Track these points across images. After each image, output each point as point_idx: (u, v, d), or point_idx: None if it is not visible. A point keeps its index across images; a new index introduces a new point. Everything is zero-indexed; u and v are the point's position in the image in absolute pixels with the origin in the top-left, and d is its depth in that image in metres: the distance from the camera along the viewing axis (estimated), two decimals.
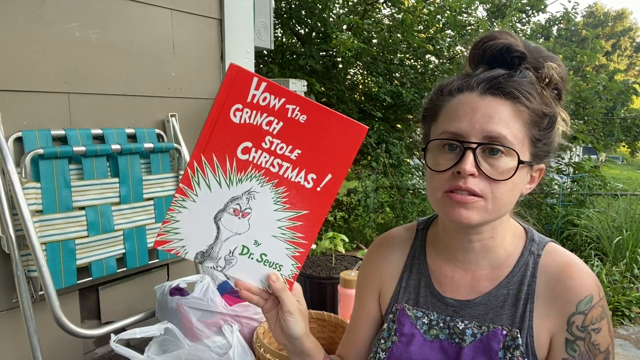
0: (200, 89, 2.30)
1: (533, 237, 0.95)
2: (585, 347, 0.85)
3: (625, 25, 39.89)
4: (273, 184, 0.82)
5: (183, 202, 0.82)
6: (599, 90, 5.67)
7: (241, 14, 2.43)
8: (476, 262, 0.94)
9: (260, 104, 0.78)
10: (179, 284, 1.75)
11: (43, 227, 1.65)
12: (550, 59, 0.89)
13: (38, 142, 1.68)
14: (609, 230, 5.29)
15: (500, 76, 0.85)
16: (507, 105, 0.84)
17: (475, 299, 0.92)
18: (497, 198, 0.84)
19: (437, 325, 0.94)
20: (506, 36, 0.89)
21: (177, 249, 0.83)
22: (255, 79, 0.77)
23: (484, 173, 0.82)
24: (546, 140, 0.88)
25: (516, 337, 0.86)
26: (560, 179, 6.76)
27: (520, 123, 0.84)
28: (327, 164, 0.82)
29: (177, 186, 2.07)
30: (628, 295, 4.02)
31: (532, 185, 0.91)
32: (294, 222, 0.84)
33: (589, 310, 0.85)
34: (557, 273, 0.88)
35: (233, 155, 0.80)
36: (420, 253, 1.02)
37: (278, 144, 0.80)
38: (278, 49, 6.16)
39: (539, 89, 0.86)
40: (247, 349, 1.54)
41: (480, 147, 0.82)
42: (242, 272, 0.86)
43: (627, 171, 20.13)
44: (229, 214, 0.83)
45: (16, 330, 1.71)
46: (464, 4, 6.34)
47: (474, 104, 0.84)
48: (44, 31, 1.73)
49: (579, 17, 8.36)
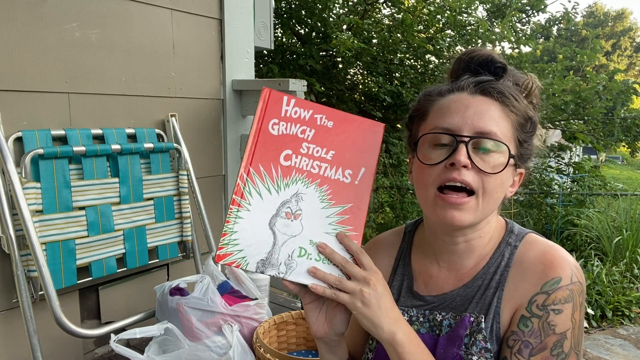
0: (200, 89, 2.30)
1: (512, 229, 0.96)
2: (539, 324, 0.84)
3: (625, 25, 39.89)
4: (316, 183, 0.89)
5: (238, 212, 0.86)
6: (599, 90, 5.66)
7: (241, 14, 2.43)
8: (460, 262, 0.96)
9: (292, 116, 0.90)
10: (179, 284, 1.75)
11: (43, 227, 1.65)
12: (526, 75, 0.95)
13: (38, 142, 1.68)
14: (609, 230, 5.29)
15: (489, 79, 0.91)
16: (497, 105, 0.88)
17: (453, 291, 0.94)
18: (488, 193, 0.86)
19: (417, 321, 0.95)
20: (488, 50, 0.96)
21: (238, 261, 0.85)
22: (285, 97, 0.90)
23: (476, 166, 0.84)
24: (529, 143, 0.92)
25: (480, 322, 0.87)
26: (560, 179, 6.76)
27: (508, 123, 0.88)
28: (359, 159, 0.91)
29: (177, 186, 2.07)
30: (628, 295, 4.02)
31: (514, 189, 0.94)
32: (342, 216, 0.90)
33: (553, 291, 0.84)
34: (531, 260, 0.89)
35: (277, 162, 0.89)
36: (406, 255, 1.04)
37: (314, 148, 0.90)
38: (278, 49, 6.16)
39: (521, 94, 0.92)
40: (247, 349, 1.54)
41: (472, 142, 0.84)
42: (304, 275, 0.87)
43: (627, 171, 20.14)
44: (282, 218, 0.87)
45: (16, 330, 1.71)
46: (464, 4, 6.34)
47: (466, 101, 0.88)
48: (44, 31, 1.73)
49: (579, 17, 8.36)
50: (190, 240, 2.14)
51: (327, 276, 0.85)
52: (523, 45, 6.54)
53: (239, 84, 2.42)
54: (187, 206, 2.11)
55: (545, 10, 6.94)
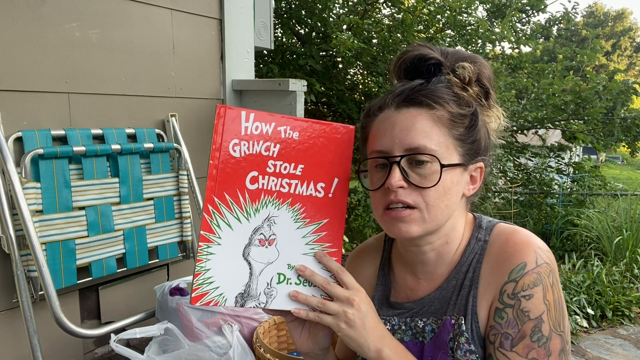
0: (200, 89, 2.30)
1: (480, 224, 0.95)
2: (514, 314, 0.83)
3: (625, 25, 39.89)
4: (288, 203, 0.84)
5: (208, 248, 0.80)
6: (599, 90, 5.66)
7: (241, 14, 2.43)
8: (435, 272, 0.94)
9: (254, 133, 0.82)
10: (179, 284, 1.75)
11: (43, 227, 1.65)
12: (467, 59, 0.90)
13: (38, 142, 1.68)
14: (609, 230, 5.29)
15: (414, 87, 0.87)
16: (423, 114, 0.85)
17: (430, 295, 0.93)
18: (431, 205, 0.84)
19: (399, 329, 0.95)
20: (419, 47, 0.91)
21: (215, 299, 0.81)
22: (243, 112, 0.81)
23: (412, 183, 0.83)
24: (472, 139, 0.88)
25: (461, 324, 0.87)
26: (560, 179, 6.76)
27: (439, 128, 0.85)
28: (331, 169, 0.86)
29: (177, 186, 2.07)
30: (628, 295, 4.02)
31: (476, 185, 0.92)
32: (318, 234, 0.86)
33: (520, 278, 0.83)
34: (497, 250, 0.89)
35: (243, 187, 0.82)
36: (385, 265, 1.04)
37: (281, 165, 0.83)
38: (278, 49, 6.15)
39: (458, 90, 0.88)
40: (247, 349, 1.54)
41: (405, 160, 0.84)
42: (285, 301, 0.84)
43: (627, 171, 20.14)
44: (256, 246, 0.83)
45: (16, 330, 1.71)
46: (464, 4, 6.34)
47: (391, 119, 0.86)
48: (44, 31, 1.73)
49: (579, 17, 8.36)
50: (190, 240, 2.14)
51: (309, 299, 0.84)
52: (523, 45, 6.54)
53: (239, 84, 2.42)
54: (187, 206, 2.11)
55: (545, 10, 6.94)
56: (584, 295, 3.89)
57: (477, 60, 0.91)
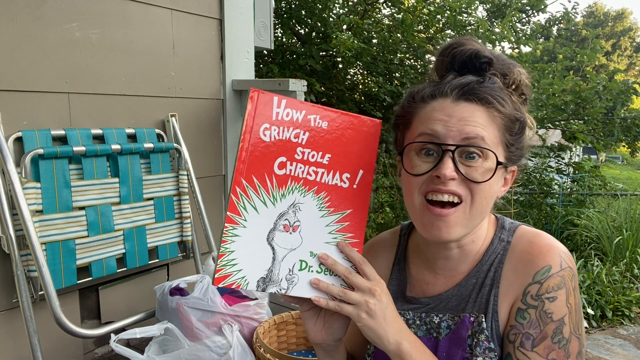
0: (200, 89, 2.30)
1: (503, 225, 0.95)
2: (537, 314, 0.84)
3: (625, 25, 39.88)
4: (314, 191, 0.85)
5: (234, 230, 0.81)
6: (599, 90, 5.66)
7: (241, 14, 2.43)
8: (456, 268, 0.94)
9: (284, 119, 0.83)
10: (179, 284, 1.75)
11: (43, 227, 1.65)
12: (515, 65, 0.90)
13: (38, 142, 1.68)
14: (609, 230, 5.29)
15: (472, 82, 0.86)
16: (482, 110, 0.85)
17: (448, 291, 0.93)
18: (476, 201, 0.84)
19: (413, 324, 0.95)
20: (473, 43, 0.90)
21: (238, 282, 0.81)
22: (275, 98, 0.82)
23: (463, 175, 0.82)
24: (518, 145, 0.89)
25: (481, 322, 0.87)
26: (560, 179, 6.76)
27: (494, 127, 0.85)
28: (356, 161, 0.87)
29: (177, 186, 2.07)
30: (628, 295, 4.02)
31: (506, 188, 0.92)
32: (342, 224, 0.87)
33: (545, 280, 0.84)
34: (520, 252, 0.89)
35: (271, 172, 0.83)
36: (401, 259, 1.03)
37: (309, 153, 0.84)
38: (278, 49, 6.15)
39: (508, 94, 0.88)
40: (247, 349, 1.54)
41: (458, 150, 0.82)
42: (306, 288, 0.84)
43: (627, 171, 20.14)
44: (281, 232, 0.83)
45: (16, 330, 1.71)
46: (464, 4, 6.34)
47: (449, 109, 0.84)
48: (44, 31, 1.73)
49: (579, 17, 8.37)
50: (190, 240, 2.14)
51: (330, 288, 0.84)
52: (523, 45, 6.54)
53: (239, 84, 2.42)
54: (187, 206, 2.11)
55: (545, 10, 6.94)
56: (584, 295, 3.89)
57: (522, 67, 0.91)
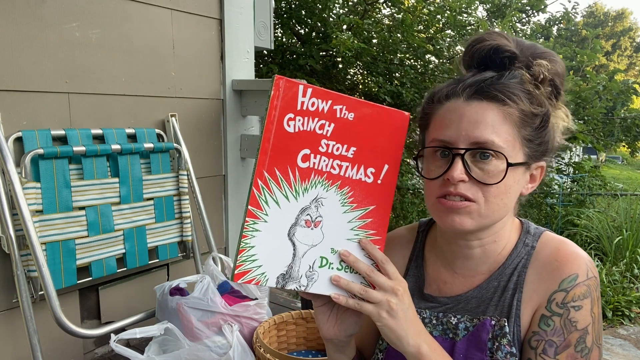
0: (200, 89, 2.30)
1: (528, 230, 0.95)
2: (561, 322, 0.84)
3: (625, 25, 39.88)
4: (337, 185, 0.82)
5: (254, 225, 0.77)
6: (599, 90, 5.66)
7: (241, 14, 2.43)
8: (475, 269, 0.94)
9: (310, 109, 0.78)
10: (179, 284, 1.75)
11: (43, 227, 1.65)
12: (544, 55, 0.87)
13: (38, 142, 1.68)
14: (609, 230, 5.29)
15: (487, 80, 0.85)
16: (494, 109, 0.83)
17: (467, 293, 0.93)
18: (490, 202, 0.83)
19: (430, 323, 0.94)
20: (496, 37, 0.87)
21: (257, 278, 0.78)
22: (301, 86, 0.78)
23: (474, 178, 0.82)
24: (541, 140, 0.86)
25: (504, 326, 0.86)
26: (560, 179, 6.77)
27: (508, 125, 0.83)
28: (382, 155, 0.83)
29: (177, 186, 2.07)
30: (628, 295, 4.02)
31: (535, 184, 0.90)
32: (364, 220, 0.84)
33: (571, 288, 0.84)
34: (546, 258, 0.89)
35: (294, 165, 0.79)
36: (419, 256, 1.02)
37: (334, 145, 0.81)
38: (278, 49, 6.15)
39: (531, 87, 0.85)
40: (247, 349, 1.54)
41: (469, 153, 0.82)
42: (326, 285, 0.82)
43: (627, 171, 20.13)
44: (302, 227, 0.81)
45: (16, 330, 1.71)
46: (464, 4, 6.34)
47: (460, 110, 0.84)
48: (44, 31, 1.73)
49: (579, 17, 8.36)
50: (190, 240, 2.14)
51: (351, 285, 0.81)
52: None
53: (239, 84, 2.42)
54: (187, 206, 2.11)
55: (545, 10, 6.94)
56: None
57: (553, 58, 0.87)
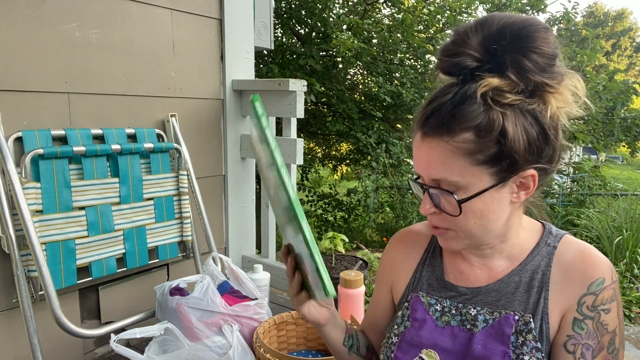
0: (200, 89, 2.30)
1: (550, 231, 0.98)
2: (594, 326, 0.87)
3: (625, 25, 39.87)
4: None
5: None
6: (599, 90, 5.67)
7: (241, 14, 2.43)
8: (491, 263, 0.97)
9: None
10: (179, 284, 1.75)
11: (43, 227, 1.65)
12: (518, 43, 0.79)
13: (38, 142, 1.68)
14: (609, 230, 5.29)
15: (435, 112, 0.82)
16: (441, 145, 0.82)
17: (487, 286, 0.95)
18: (466, 228, 0.88)
19: (449, 312, 0.97)
20: (458, 46, 0.81)
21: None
22: None
23: (441, 210, 0.88)
24: (506, 155, 0.81)
25: (529, 322, 0.89)
26: (560, 179, 6.76)
27: (457, 158, 0.81)
28: None
29: (177, 186, 2.07)
30: (628, 295, 4.02)
31: (528, 190, 0.87)
32: None
33: (600, 292, 0.87)
34: (571, 260, 0.91)
35: None
36: (436, 248, 1.07)
37: None
38: (278, 49, 6.16)
39: (495, 95, 0.79)
40: (247, 349, 1.54)
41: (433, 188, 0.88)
42: None
43: (627, 171, 20.11)
44: None
45: (16, 330, 1.71)
46: (464, 4, 6.35)
47: (418, 148, 0.87)
48: (44, 31, 1.73)
49: (579, 17, 8.36)
50: (190, 240, 2.14)
51: None
52: None
53: (239, 84, 2.42)
54: (187, 206, 2.11)
55: (545, 10, 6.95)
56: None
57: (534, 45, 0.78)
